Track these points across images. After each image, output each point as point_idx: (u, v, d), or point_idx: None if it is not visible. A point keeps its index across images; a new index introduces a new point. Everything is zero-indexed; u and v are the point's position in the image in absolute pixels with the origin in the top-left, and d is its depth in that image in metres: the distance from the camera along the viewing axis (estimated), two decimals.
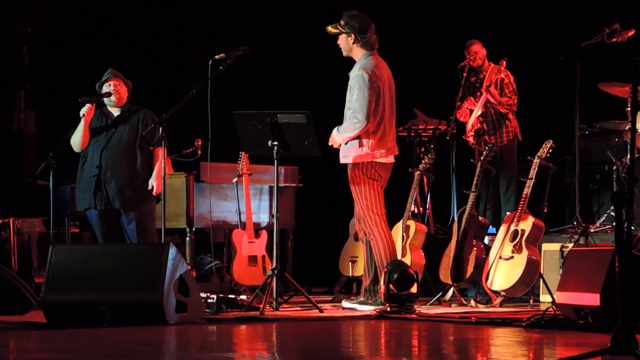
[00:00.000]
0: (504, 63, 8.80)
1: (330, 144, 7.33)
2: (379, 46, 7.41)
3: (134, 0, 10.82)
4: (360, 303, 7.26)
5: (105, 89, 7.62)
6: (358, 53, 7.37)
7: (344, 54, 7.45)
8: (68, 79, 10.41)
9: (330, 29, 7.42)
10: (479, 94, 8.88)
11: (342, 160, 7.36)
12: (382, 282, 7.00)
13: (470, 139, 8.89)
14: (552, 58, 8.77)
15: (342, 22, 7.39)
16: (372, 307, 7.09)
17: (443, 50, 10.02)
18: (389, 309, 6.86)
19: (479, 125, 8.82)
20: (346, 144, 7.25)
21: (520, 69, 9.07)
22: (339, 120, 10.52)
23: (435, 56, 10.13)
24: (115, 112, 7.68)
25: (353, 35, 7.34)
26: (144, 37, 10.77)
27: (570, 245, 7.48)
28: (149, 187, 7.49)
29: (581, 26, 8.97)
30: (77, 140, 7.60)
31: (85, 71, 10.35)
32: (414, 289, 6.90)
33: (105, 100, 7.65)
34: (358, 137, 7.21)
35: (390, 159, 7.39)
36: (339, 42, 7.43)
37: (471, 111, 8.91)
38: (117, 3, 10.79)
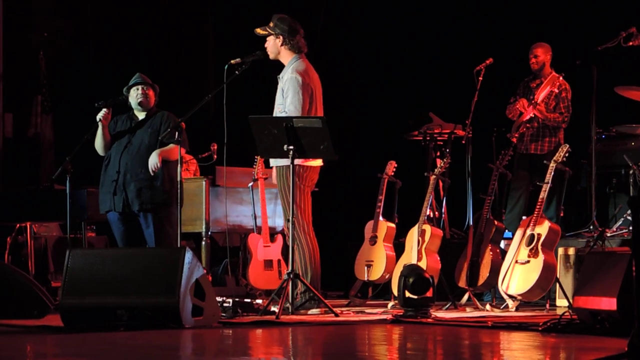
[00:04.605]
0: (562, 77, 8.72)
1: None
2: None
3: (149, 5, 10.85)
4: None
5: (133, 93, 7.65)
6: (287, 56, 7.39)
7: (271, 56, 7.46)
8: (84, 84, 10.44)
9: (258, 30, 7.43)
10: (531, 97, 8.81)
11: (273, 163, 7.35)
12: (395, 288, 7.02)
13: (514, 140, 8.80)
14: (568, 62, 8.74)
15: (271, 25, 7.41)
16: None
17: (459, 54, 10.00)
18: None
19: (524, 129, 8.78)
20: None
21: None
22: (353, 123, 10.52)
23: (451, 60, 10.11)
24: (141, 116, 7.72)
25: (282, 37, 7.36)
26: (159, 42, 10.80)
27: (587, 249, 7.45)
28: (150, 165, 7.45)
29: (597, 30, 8.94)
30: (98, 145, 7.69)
31: (101, 75, 10.40)
32: (429, 294, 6.90)
33: (133, 104, 7.68)
34: None
35: (319, 163, 7.41)
36: (266, 44, 7.44)
37: (521, 113, 8.84)
38: (132, 8, 10.82)
